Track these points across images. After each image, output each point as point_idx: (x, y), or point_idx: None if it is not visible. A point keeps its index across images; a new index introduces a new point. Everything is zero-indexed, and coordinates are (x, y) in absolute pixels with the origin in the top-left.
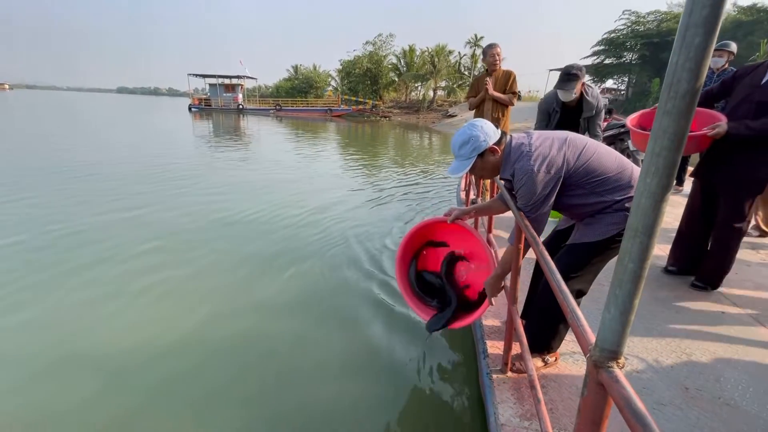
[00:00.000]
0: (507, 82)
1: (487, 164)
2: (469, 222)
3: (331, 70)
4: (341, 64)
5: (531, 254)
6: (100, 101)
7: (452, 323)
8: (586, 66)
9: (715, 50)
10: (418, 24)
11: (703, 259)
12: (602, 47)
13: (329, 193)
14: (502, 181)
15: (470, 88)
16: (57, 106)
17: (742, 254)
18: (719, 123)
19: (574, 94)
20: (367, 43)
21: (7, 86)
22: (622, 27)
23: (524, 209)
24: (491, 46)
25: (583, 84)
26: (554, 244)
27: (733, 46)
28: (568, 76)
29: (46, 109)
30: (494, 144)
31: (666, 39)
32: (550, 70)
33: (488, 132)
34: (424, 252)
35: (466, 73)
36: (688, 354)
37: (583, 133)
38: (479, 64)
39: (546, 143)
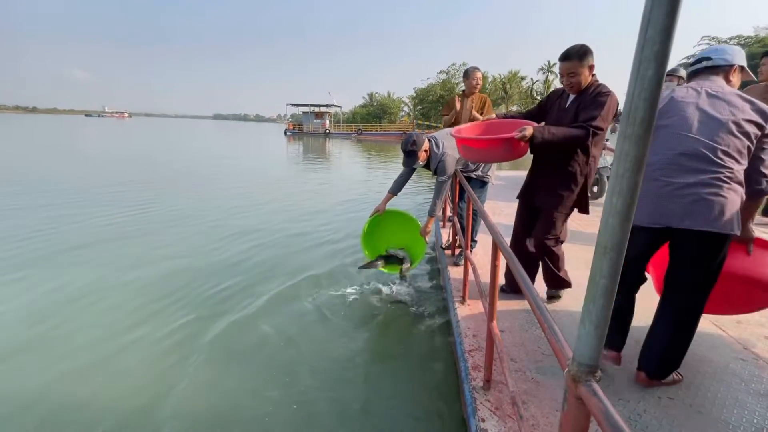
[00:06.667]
0: (482, 106)
1: None
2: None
3: (403, 97)
4: (415, 92)
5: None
6: (210, 127)
7: None
8: None
9: (667, 75)
10: (491, 50)
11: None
12: None
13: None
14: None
15: (445, 107)
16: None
17: None
18: (526, 126)
19: (420, 163)
20: (441, 72)
21: (126, 114)
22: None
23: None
24: (475, 69)
25: (429, 148)
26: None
27: (682, 72)
28: (407, 153)
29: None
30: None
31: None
32: None
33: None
34: None
35: (538, 97)
36: None
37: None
38: (552, 88)
39: None
